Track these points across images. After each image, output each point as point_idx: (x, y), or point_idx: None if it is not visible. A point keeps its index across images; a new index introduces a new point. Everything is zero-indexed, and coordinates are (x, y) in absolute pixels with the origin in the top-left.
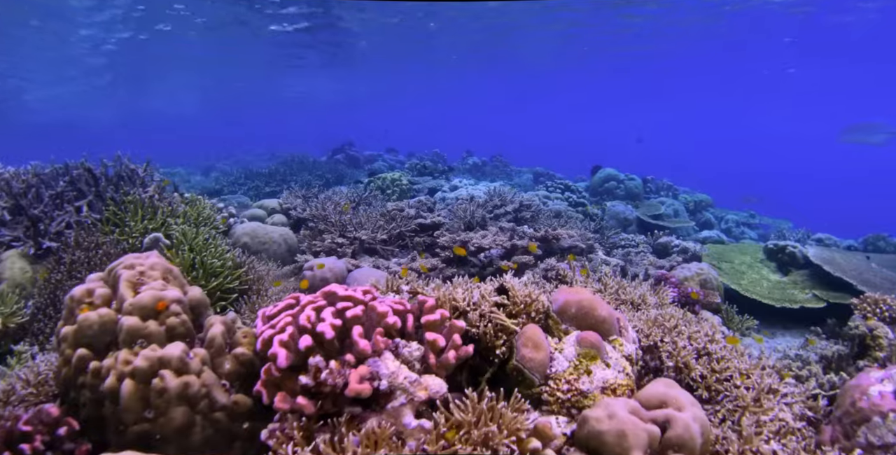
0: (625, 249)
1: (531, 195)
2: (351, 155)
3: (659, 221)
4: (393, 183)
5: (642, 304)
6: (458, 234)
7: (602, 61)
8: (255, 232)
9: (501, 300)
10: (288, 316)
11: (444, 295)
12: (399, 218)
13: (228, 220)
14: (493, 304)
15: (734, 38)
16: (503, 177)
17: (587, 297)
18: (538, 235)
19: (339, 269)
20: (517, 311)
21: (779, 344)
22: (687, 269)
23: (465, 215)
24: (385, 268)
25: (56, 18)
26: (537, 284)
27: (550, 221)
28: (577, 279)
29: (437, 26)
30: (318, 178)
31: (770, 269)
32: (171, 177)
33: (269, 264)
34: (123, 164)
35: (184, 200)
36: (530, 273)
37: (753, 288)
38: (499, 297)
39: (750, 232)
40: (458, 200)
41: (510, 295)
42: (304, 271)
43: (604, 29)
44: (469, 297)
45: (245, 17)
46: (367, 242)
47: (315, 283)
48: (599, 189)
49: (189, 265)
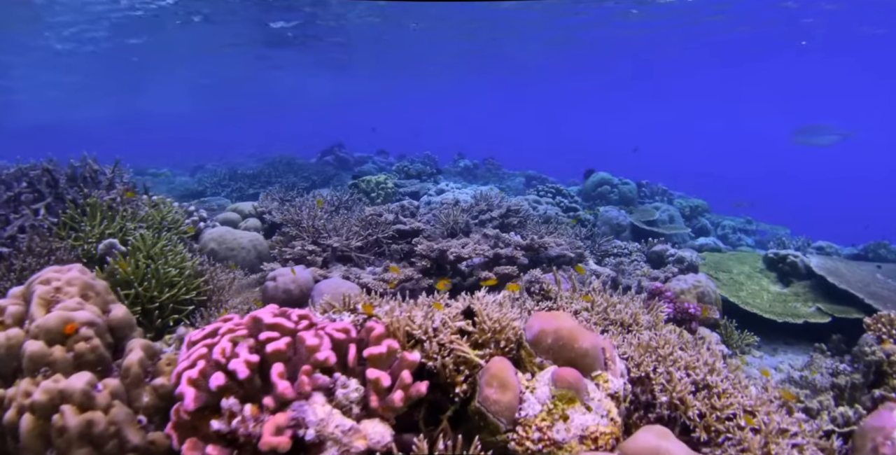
0: (617, 258)
1: (520, 200)
2: (340, 157)
3: (653, 228)
4: (378, 186)
5: (634, 325)
6: (438, 242)
7: (596, 63)
8: (223, 237)
9: (466, 326)
10: (203, 346)
11: (397, 320)
12: (376, 224)
13: (198, 224)
14: (455, 331)
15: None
16: (495, 180)
17: (566, 325)
18: (523, 244)
19: (303, 280)
20: (484, 339)
21: (781, 361)
22: (683, 281)
23: (447, 221)
24: (357, 278)
25: (41, 15)
26: (518, 301)
27: (539, 228)
28: (562, 294)
29: (420, 27)
30: (303, 179)
31: (770, 279)
32: (158, 178)
33: (235, 272)
34: (87, 164)
35: (150, 203)
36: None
37: (753, 301)
38: (464, 323)
39: (747, 238)
40: (442, 205)
41: (477, 320)
42: (266, 282)
43: (597, 29)
44: (428, 323)
45: (240, 15)
46: (340, 250)
47: (276, 295)
48: (592, 193)
49: (142, 275)
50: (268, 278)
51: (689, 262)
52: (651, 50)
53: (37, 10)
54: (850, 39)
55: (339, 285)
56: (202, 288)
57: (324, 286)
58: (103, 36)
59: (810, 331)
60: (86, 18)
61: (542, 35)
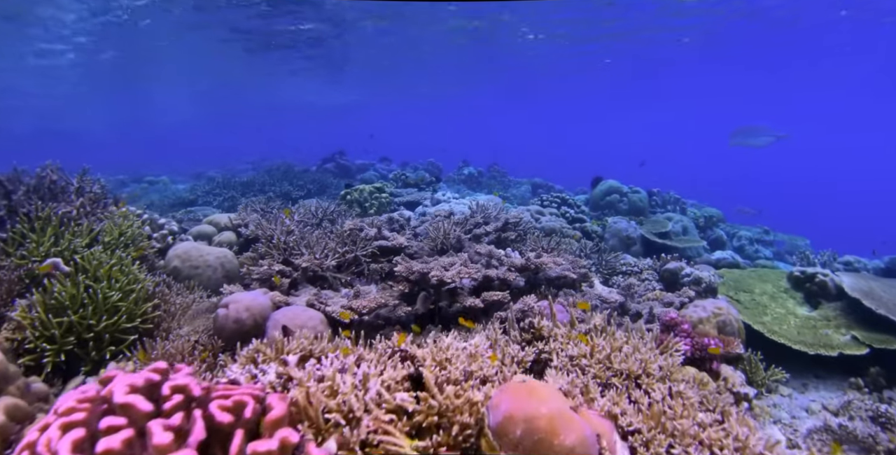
0: (626, 277)
1: (520, 211)
2: (341, 164)
3: (666, 241)
4: (371, 195)
5: (643, 376)
6: (422, 260)
7: (602, 69)
8: (188, 254)
9: (409, 402)
10: (37, 431)
11: (310, 395)
12: (356, 239)
13: (167, 238)
14: (392, 407)
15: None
16: (500, 188)
17: (545, 410)
18: (518, 264)
19: (259, 308)
20: (429, 423)
21: (812, 401)
22: (701, 309)
23: (437, 236)
24: (324, 304)
25: (37, 18)
26: (502, 340)
27: (539, 243)
28: (555, 333)
29: (423, 31)
30: (298, 188)
31: (797, 300)
32: (154, 185)
33: (193, 294)
34: (46, 174)
35: (122, 214)
36: (500, 319)
37: (780, 328)
38: (408, 396)
39: (765, 250)
40: (435, 217)
41: (422, 396)
42: (218, 309)
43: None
44: (353, 400)
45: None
46: (311, 269)
47: (226, 325)
48: (601, 202)
49: (79, 300)
50: (220, 304)
51: (707, 284)
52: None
53: (26, 16)
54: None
55: (297, 315)
56: (149, 314)
57: (281, 316)
58: (95, 40)
59: (845, 362)
60: (78, 22)
61: (547, 39)
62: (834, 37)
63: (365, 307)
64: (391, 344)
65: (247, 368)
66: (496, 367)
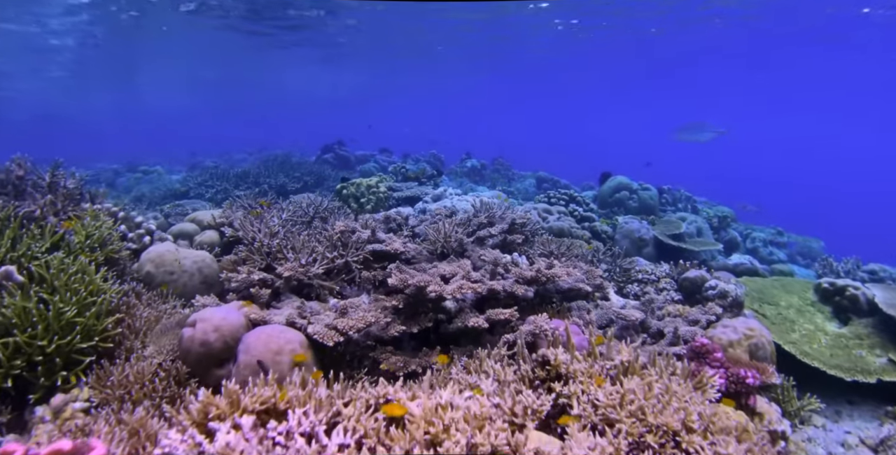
0: (642, 285)
1: (528, 208)
2: (341, 155)
3: (681, 243)
4: (368, 190)
5: (682, 432)
6: (419, 267)
7: (611, 61)
8: (163, 258)
9: None
10: None
11: None
12: (349, 242)
13: (143, 238)
14: None
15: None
16: (503, 182)
17: None
18: (527, 275)
19: (230, 328)
20: None
21: (848, 432)
22: (731, 330)
23: (437, 239)
24: (307, 320)
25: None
26: (515, 376)
27: (548, 247)
28: (574, 371)
29: (429, 24)
30: (294, 180)
31: (825, 315)
32: (149, 175)
33: (167, 304)
34: (13, 168)
35: (80, 214)
36: (508, 343)
37: (811, 347)
38: None
39: (779, 252)
40: (435, 216)
41: None
42: (184, 329)
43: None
44: None
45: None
46: (296, 278)
47: (191, 348)
48: (609, 199)
49: (28, 318)
50: (187, 322)
51: (734, 298)
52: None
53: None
54: None
55: (273, 338)
56: (110, 332)
57: (253, 339)
58: (93, 24)
59: (881, 387)
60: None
61: (552, 31)
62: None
63: (352, 328)
64: (377, 393)
65: (189, 434)
66: (506, 435)
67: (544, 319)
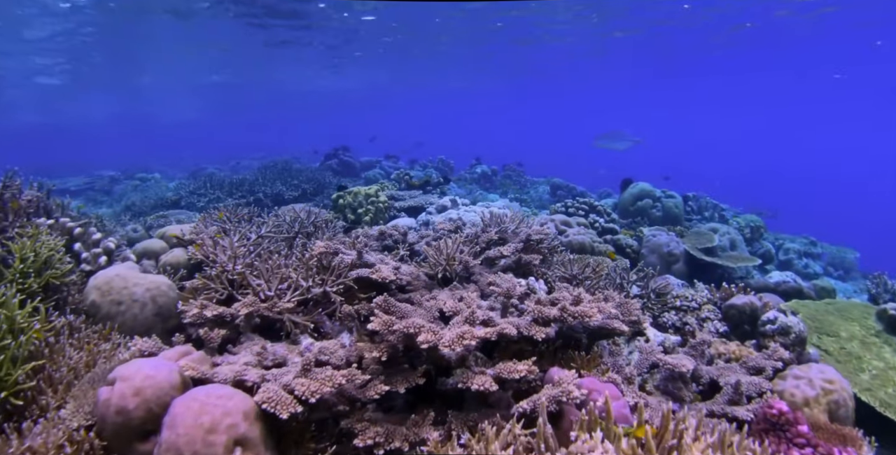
0: (681, 314)
1: (544, 220)
2: (345, 161)
3: (715, 259)
4: (367, 199)
5: None
6: (411, 302)
7: (623, 62)
8: (111, 284)
9: None
10: None
11: None
12: (327, 267)
13: (99, 258)
14: None
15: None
16: (515, 189)
17: None
18: (549, 315)
19: (154, 391)
20: None
21: None
22: (806, 382)
23: (437, 260)
24: (260, 378)
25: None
26: None
27: (570, 268)
28: None
29: (441, 22)
30: (292, 188)
31: (893, 347)
32: (146, 182)
33: (108, 343)
34: None
35: (22, 232)
36: (525, 414)
37: (887, 394)
38: None
39: (814, 265)
40: (437, 232)
41: None
42: (101, 389)
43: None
44: None
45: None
46: (259, 314)
47: (106, 415)
48: (631, 208)
49: None
50: (107, 379)
51: (797, 335)
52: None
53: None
54: None
55: (207, 408)
56: (21, 385)
57: (181, 409)
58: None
59: None
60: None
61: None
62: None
63: (315, 393)
64: None
65: None
66: None
67: (571, 379)
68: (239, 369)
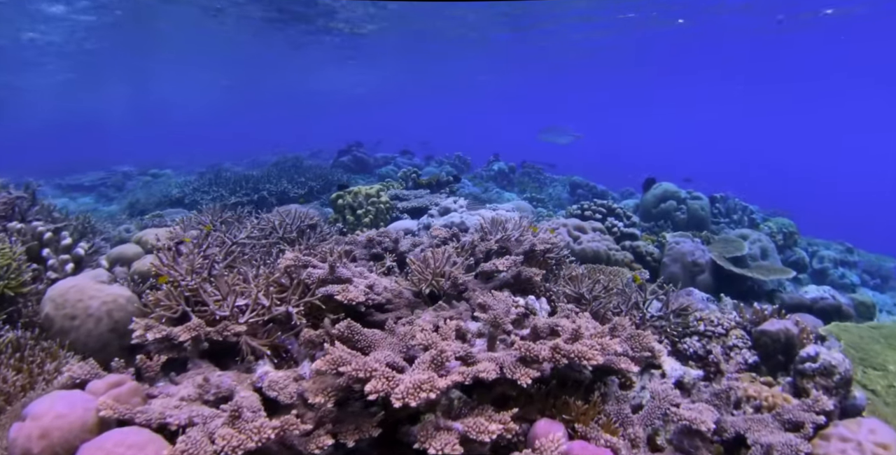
0: (704, 341)
1: (555, 225)
2: (359, 157)
3: (744, 270)
4: (367, 200)
5: None
6: (384, 328)
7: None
8: (65, 297)
9: None
10: None
11: None
12: (296, 283)
13: (66, 266)
14: None
15: None
16: (533, 187)
17: None
18: (539, 355)
19: (63, 433)
20: None
21: None
22: (854, 447)
23: (423, 275)
24: (204, 409)
25: None
26: None
27: (579, 285)
28: None
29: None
30: (299, 186)
31: None
32: (158, 178)
33: (52, 365)
34: None
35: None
36: None
37: None
38: None
39: (851, 274)
40: (433, 238)
41: None
42: (12, 427)
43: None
44: None
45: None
46: (207, 337)
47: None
48: (654, 210)
49: None
50: (21, 415)
51: (842, 376)
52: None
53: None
54: None
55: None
56: None
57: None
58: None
59: None
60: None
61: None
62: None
63: (237, 449)
64: None
65: None
66: None
67: (555, 446)
68: (169, 408)
